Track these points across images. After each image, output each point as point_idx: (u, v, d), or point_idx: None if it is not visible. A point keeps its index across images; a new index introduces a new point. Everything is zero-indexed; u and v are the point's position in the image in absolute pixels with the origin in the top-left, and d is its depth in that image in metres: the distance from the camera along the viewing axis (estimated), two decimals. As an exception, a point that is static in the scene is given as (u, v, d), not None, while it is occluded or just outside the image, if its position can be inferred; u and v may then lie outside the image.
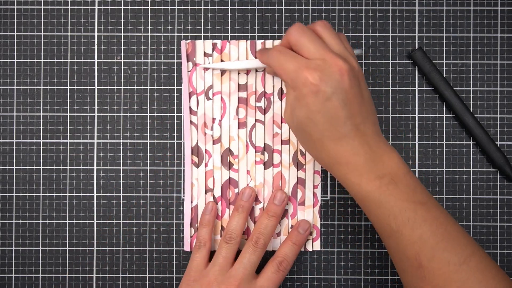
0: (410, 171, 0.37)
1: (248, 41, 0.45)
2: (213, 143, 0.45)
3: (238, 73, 0.45)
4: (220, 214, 0.46)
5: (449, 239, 0.35)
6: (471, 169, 0.46)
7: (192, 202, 0.46)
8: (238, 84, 0.45)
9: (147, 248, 0.46)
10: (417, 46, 0.46)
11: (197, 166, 0.45)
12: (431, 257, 0.35)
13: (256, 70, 0.45)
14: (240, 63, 0.44)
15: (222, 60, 0.45)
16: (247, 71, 0.45)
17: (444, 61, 0.46)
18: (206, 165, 0.45)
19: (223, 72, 0.45)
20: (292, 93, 0.37)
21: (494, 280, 0.35)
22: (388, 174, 0.36)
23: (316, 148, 0.37)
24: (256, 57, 0.45)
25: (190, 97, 0.45)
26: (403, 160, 0.37)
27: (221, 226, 0.46)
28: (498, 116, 0.46)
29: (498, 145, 0.45)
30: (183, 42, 0.45)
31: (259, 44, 0.45)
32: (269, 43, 0.45)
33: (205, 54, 0.45)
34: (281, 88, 0.45)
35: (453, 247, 0.35)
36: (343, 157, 0.36)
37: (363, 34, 0.46)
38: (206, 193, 0.46)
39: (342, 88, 0.35)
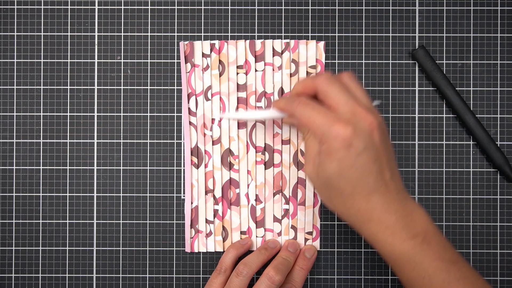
0: (438, 228, 0.37)
1: (247, 41, 0.45)
2: (213, 144, 0.45)
3: (237, 74, 0.45)
4: (221, 215, 0.46)
5: None
6: (471, 169, 0.46)
7: (192, 203, 0.46)
8: (237, 84, 0.45)
9: (147, 248, 0.46)
10: (417, 46, 0.46)
11: (197, 167, 0.45)
12: None
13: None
14: (257, 113, 0.42)
15: (220, 61, 0.45)
16: (246, 71, 0.45)
17: (444, 61, 0.46)
18: (206, 166, 0.45)
19: (221, 72, 0.45)
20: (318, 147, 0.36)
21: None
22: (420, 233, 0.36)
23: (346, 204, 0.36)
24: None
25: (189, 98, 0.45)
26: (430, 217, 0.37)
27: (223, 227, 0.46)
28: (498, 116, 0.46)
29: (498, 145, 0.45)
30: (181, 43, 0.45)
31: (258, 43, 0.45)
32: (269, 43, 0.45)
33: (203, 55, 0.45)
34: (282, 88, 0.45)
35: None
36: (374, 214, 0.36)
37: (363, 34, 0.46)
38: (206, 194, 0.46)
39: (373, 143, 0.35)
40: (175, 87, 0.46)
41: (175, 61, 0.46)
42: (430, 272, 0.35)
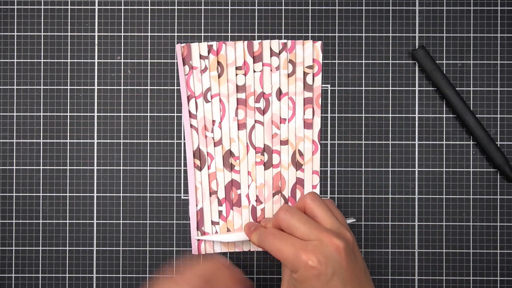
0: None
1: (245, 42, 0.45)
2: (214, 146, 0.45)
3: (236, 75, 0.45)
4: (225, 216, 0.46)
5: None
6: (471, 169, 0.46)
7: (197, 205, 0.46)
8: (236, 85, 0.45)
9: (147, 248, 0.46)
10: (417, 46, 0.46)
11: (200, 169, 0.45)
12: None
13: (254, 72, 0.45)
14: (234, 235, 0.44)
15: (219, 62, 0.45)
16: (245, 72, 0.45)
17: (444, 61, 0.46)
18: (209, 167, 0.45)
19: (220, 74, 0.45)
20: (292, 274, 0.37)
21: None
22: None
23: None
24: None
25: (188, 101, 0.45)
26: None
27: (227, 228, 0.46)
28: (498, 116, 0.46)
29: (498, 145, 0.45)
30: (178, 46, 0.45)
31: (256, 44, 0.45)
32: (266, 43, 0.45)
33: (201, 57, 0.45)
34: (279, 88, 0.45)
35: None
36: None
37: (363, 34, 0.46)
38: (210, 195, 0.46)
39: (341, 266, 0.35)
40: (175, 87, 0.46)
41: (175, 61, 0.46)
42: None
